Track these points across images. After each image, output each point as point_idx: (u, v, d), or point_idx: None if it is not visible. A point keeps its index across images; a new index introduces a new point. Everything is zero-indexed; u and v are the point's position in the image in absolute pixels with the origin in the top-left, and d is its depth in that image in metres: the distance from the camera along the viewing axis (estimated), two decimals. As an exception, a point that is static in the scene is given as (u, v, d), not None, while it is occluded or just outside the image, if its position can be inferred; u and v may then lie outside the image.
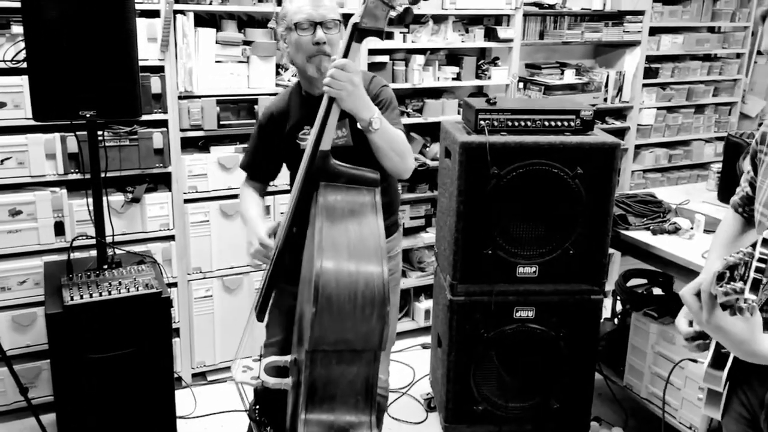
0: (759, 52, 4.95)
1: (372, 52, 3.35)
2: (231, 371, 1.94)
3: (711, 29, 4.62)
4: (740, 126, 4.81)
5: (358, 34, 1.66)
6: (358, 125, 1.83)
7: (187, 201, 3.06)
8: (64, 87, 2.28)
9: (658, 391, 2.75)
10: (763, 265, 1.13)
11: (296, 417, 1.62)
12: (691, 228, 2.73)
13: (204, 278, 3.18)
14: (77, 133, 2.64)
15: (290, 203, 1.88)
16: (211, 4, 2.91)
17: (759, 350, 1.21)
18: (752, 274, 1.10)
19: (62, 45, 2.25)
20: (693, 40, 4.41)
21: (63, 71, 2.27)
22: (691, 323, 1.54)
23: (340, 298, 1.51)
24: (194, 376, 3.29)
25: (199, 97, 2.98)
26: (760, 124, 5.01)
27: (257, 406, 2.15)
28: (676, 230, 2.71)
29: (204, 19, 3.04)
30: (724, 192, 3.16)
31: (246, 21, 3.15)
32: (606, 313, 3.20)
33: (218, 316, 3.24)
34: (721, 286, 1.14)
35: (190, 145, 3.10)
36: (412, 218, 3.79)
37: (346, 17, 1.80)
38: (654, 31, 4.22)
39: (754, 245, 1.13)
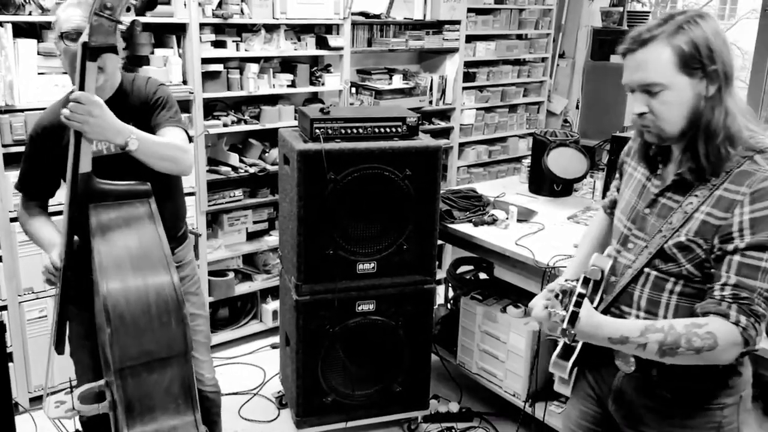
0: (561, 56, 5.59)
1: (205, 61, 3.37)
2: (43, 409, 1.84)
3: (519, 36, 5.13)
4: (548, 123, 5.40)
5: (90, 52, 1.65)
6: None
7: (13, 220, 2.91)
8: None
9: (487, 366, 3.08)
10: (581, 300, 1.29)
11: (120, 436, 1.62)
12: (507, 218, 3.07)
13: (37, 298, 3.04)
14: None
15: (63, 227, 1.83)
16: (30, 14, 2.78)
17: (605, 335, 1.39)
18: (571, 308, 1.23)
19: None
20: (504, 46, 4.87)
21: None
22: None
23: (133, 313, 1.53)
24: (32, 400, 3.14)
25: (22, 110, 2.84)
26: (565, 121, 5.66)
27: None
28: (494, 221, 3.04)
29: (24, 30, 2.90)
30: (534, 183, 3.58)
31: (69, 30, 3.05)
32: (440, 299, 3.51)
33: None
34: (550, 308, 1.30)
35: (14, 161, 2.94)
36: (255, 222, 3.86)
37: (179, 26, 1.75)
38: (470, 39, 4.61)
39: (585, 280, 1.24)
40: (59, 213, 2.93)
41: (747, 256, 1.36)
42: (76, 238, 1.83)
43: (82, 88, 1.68)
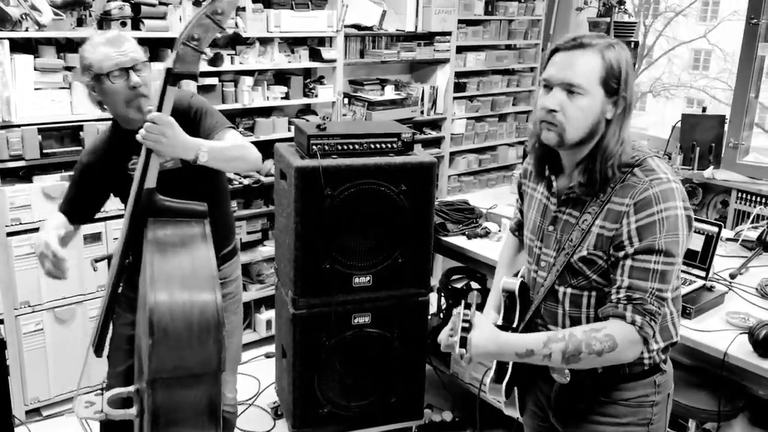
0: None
1: (200, 74, 3.39)
2: (73, 408, 1.90)
3: (508, 46, 5.19)
4: (536, 131, 5.46)
5: (172, 78, 1.73)
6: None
7: (10, 234, 2.93)
8: None
9: (478, 375, 3.13)
10: (467, 325, 1.44)
11: (142, 444, 1.66)
12: (499, 231, 3.12)
13: (33, 312, 3.06)
14: None
15: (121, 237, 1.90)
16: (27, 30, 2.80)
17: (512, 351, 1.51)
18: (459, 334, 1.41)
19: None
20: (493, 56, 4.93)
21: None
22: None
23: (176, 328, 1.57)
24: (28, 413, 3.15)
25: (19, 126, 2.86)
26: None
27: None
28: (486, 234, 3.09)
29: (20, 45, 2.91)
30: (525, 196, 3.63)
31: (65, 45, 3.06)
32: (432, 308, 3.54)
33: (51, 349, 3.13)
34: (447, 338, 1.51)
35: (10, 175, 2.96)
36: (249, 233, 3.89)
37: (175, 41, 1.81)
38: (460, 50, 4.66)
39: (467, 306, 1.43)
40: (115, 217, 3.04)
41: (637, 260, 1.47)
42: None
43: (159, 109, 1.75)
